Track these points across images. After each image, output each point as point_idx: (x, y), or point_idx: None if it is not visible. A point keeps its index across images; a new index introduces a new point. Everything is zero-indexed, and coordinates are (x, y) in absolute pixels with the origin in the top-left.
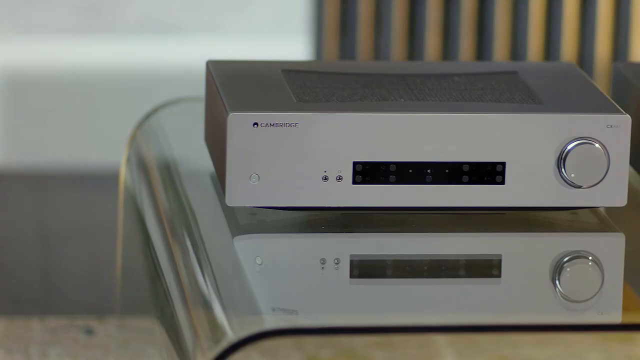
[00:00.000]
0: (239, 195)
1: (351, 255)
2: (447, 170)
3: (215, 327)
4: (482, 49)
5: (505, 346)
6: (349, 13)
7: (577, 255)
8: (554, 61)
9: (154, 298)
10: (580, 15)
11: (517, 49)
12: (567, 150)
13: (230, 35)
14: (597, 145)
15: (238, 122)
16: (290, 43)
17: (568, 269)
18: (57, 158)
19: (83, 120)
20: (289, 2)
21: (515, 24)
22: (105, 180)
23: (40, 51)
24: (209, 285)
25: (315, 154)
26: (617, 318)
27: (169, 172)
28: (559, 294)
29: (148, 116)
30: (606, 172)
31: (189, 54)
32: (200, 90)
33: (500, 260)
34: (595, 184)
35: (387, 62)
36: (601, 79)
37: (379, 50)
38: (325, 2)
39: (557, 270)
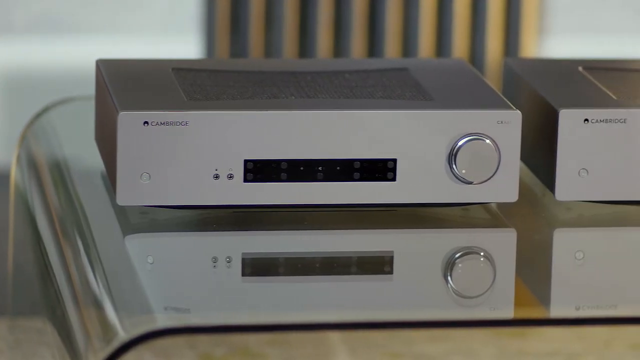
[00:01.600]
0: (130, 194)
1: (243, 254)
2: (338, 168)
3: (106, 327)
4: (374, 45)
5: (399, 343)
6: (240, 10)
7: (468, 251)
8: (444, 58)
9: (45, 298)
10: (471, 12)
11: (408, 45)
12: (458, 146)
13: (121, 34)
14: (487, 141)
15: (128, 121)
16: (181, 41)
17: (460, 265)
18: None
19: None
20: (179, 0)
21: (407, 21)
22: None
23: None
24: (100, 285)
25: (206, 152)
26: (509, 313)
27: (59, 171)
28: (451, 290)
29: (38, 115)
30: (497, 168)
31: (79, 53)
32: (92, 90)
33: (392, 257)
34: (487, 180)
35: (278, 59)
36: (492, 76)
37: (271, 47)
38: (215, 0)
39: (449, 266)
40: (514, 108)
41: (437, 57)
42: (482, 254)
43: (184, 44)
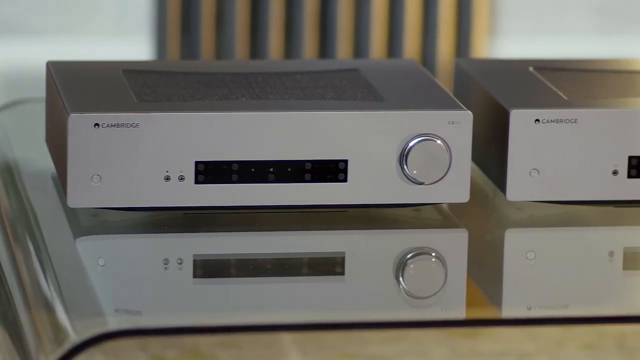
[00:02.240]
0: (81, 196)
1: (194, 255)
2: (289, 169)
3: (57, 330)
4: (325, 46)
5: (351, 344)
6: (191, 11)
7: (420, 252)
8: (395, 58)
9: None
10: (422, 12)
11: (359, 46)
12: (409, 146)
13: (71, 35)
14: (439, 141)
15: (79, 123)
16: (132, 43)
17: (412, 266)
18: None
19: None
20: (130, 1)
21: (358, 22)
22: None
23: None
24: (51, 288)
25: (156, 154)
26: (461, 313)
27: (9, 173)
28: (402, 290)
29: None
30: (448, 169)
31: (30, 54)
32: (42, 91)
33: (343, 258)
34: (438, 180)
35: (229, 61)
36: (443, 76)
37: (221, 48)
38: (166, 1)
39: (401, 266)
40: (465, 108)
41: (388, 57)
42: (433, 254)
43: (135, 46)
